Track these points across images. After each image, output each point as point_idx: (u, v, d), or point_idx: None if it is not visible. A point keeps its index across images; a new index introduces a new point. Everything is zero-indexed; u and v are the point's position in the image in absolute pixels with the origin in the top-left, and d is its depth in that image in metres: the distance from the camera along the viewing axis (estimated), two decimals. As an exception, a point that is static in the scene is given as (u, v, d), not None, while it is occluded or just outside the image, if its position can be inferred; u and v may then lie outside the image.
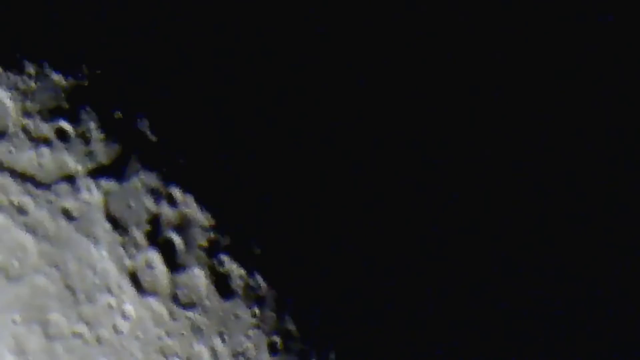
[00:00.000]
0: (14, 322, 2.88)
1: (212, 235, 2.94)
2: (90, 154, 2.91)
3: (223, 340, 2.97)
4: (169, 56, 2.92)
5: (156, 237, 2.93)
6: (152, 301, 2.93)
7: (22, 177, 2.89)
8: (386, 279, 2.97)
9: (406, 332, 2.99)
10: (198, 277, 2.95)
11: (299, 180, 2.94)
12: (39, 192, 2.90)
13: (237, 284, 2.97)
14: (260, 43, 2.93)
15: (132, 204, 2.92)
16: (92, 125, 2.91)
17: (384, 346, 2.98)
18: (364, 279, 2.97)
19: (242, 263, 2.96)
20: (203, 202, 2.94)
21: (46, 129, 2.91)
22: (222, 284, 2.97)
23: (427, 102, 3.01)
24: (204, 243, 2.95)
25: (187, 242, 2.95)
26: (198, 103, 2.92)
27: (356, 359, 2.98)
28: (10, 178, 2.87)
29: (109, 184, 2.91)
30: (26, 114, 2.89)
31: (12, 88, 2.88)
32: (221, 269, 2.96)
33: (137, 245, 2.92)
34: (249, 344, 2.98)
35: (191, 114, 2.92)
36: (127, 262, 2.92)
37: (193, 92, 2.92)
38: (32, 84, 2.89)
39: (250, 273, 2.96)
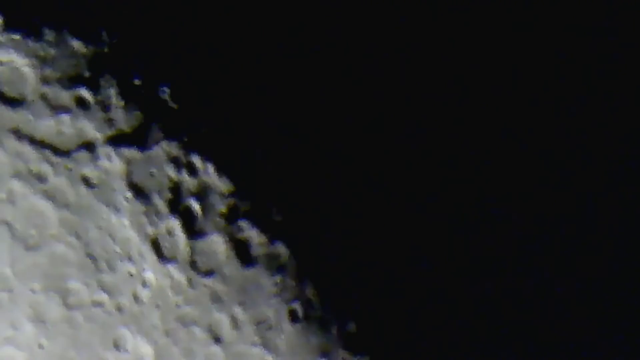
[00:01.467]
0: (32, 291, 2.85)
1: (231, 202, 2.95)
2: (110, 122, 2.90)
3: (243, 309, 2.97)
4: (189, 23, 2.92)
5: (177, 205, 2.92)
6: (172, 269, 2.93)
7: (41, 145, 2.87)
8: (408, 247, 3.00)
9: (427, 301, 3.02)
10: (217, 244, 2.95)
11: (319, 146, 2.96)
12: (58, 160, 2.88)
13: (257, 251, 2.98)
14: (283, 10, 2.95)
15: (154, 172, 2.91)
16: (112, 92, 2.90)
17: (404, 315, 3.01)
18: (386, 247, 2.99)
19: (262, 230, 2.96)
20: (223, 170, 2.94)
21: (65, 97, 2.89)
22: (242, 252, 2.97)
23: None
24: (224, 210, 2.95)
25: (207, 209, 2.95)
26: (219, 71, 2.93)
27: (377, 327, 3.00)
28: (29, 146, 2.85)
29: (129, 152, 2.90)
30: (45, 81, 2.87)
31: (31, 56, 2.87)
32: (241, 236, 2.96)
33: (158, 213, 2.92)
34: (269, 312, 2.99)
35: (212, 82, 2.93)
36: (149, 230, 2.91)
37: (214, 59, 2.93)
38: (52, 52, 2.88)
39: (270, 240, 2.97)
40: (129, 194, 2.94)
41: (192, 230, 2.97)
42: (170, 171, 2.96)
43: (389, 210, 3.03)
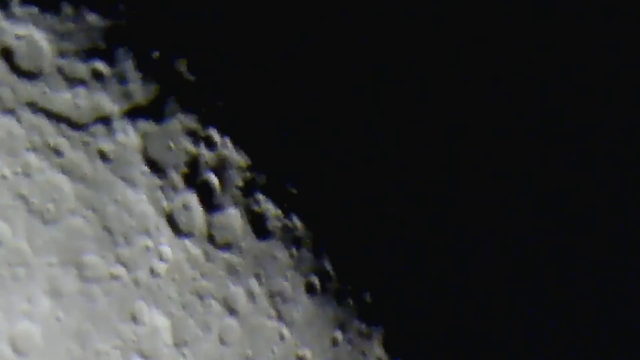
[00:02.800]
0: (49, 264, 2.85)
1: (248, 175, 2.96)
2: (126, 95, 2.90)
3: (259, 282, 2.98)
4: (207, -3, 2.92)
5: (194, 179, 2.92)
6: (189, 243, 2.93)
7: (58, 118, 2.86)
8: (424, 219, 3.02)
9: (442, 274, 3.05)
10: (234, 218, 2.96)
11: (335, 119, 2.98)
12: (74, 133, 2.87)
13: (274, 224, 2.99)
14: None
15: (170, 145, 2.91)
16: (129, 65, 2.90)
17: (419, 286, 3.03)
18: (402, 219, 3.01)
19: (278, 203, 2.98)
20: (240, 143, 2.95)
21: (82, 70, 2.88)
22: (258, 225, 2.98)
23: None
24: (240, 183, 2.96)
25: (224, 183, 2.96)
26: (236, 43, 2.93)
27: (392, 299, 3.02)
28: (45, 119, 2.84)
29: (146, 125, 2.89)
30: (61, 54, 2.86)
31: (48, 29, 2.85)
32: (257, 209, 2.97)
33: (174, 187, 2.92)
34: (285, 285, 3.00)
35: (229, 55, 2.93)
36: (165, 204, 2.91)
37: (231, 32, 2.93)
38: (68, 25, 2.87)
39: (286, 213, 2.98)
40: (145, 168, 2.94)
41: (209, 203, 2.98)
42: (187, 144, 2.96)
43: (405, 182, 3.05)
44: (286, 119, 2.99)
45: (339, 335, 3.10)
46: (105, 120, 2.94)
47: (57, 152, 2.91)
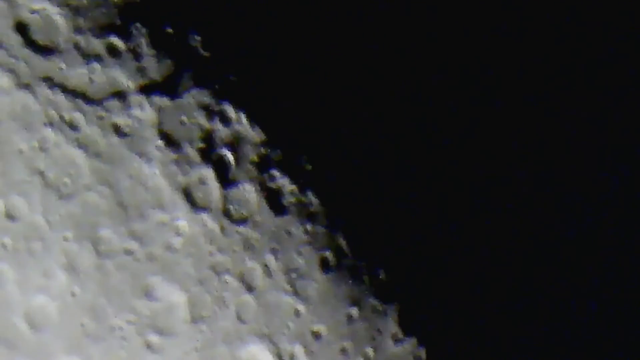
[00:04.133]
0: (65, 239, 2.84)
1: (263, 151, 2.94)
2: (141, 70, 2.89)
3: (275, 257, 2.97)
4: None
5: (209, 154, 2.91)
6: (205, 217, 2.92)
7: (73, 93, 2.86)
8: (440, 196, 2.99)
9: (457, 250, 3.02)
10: (249, 193, 2.95)
11: (350, 95, 2.96)
12: (90, 108, 2.87)
13: (289, 200, 2.97)
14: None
15: (185, 120, 2.90)
16: (144, 41, 2.89)
17: (434, 263, 3.01)
18: (417, 196, 2.99)
19: (293, 179, 2.96)
20: (255, 119, 2.94)
21: (97, 45, 2.88)
22: (273, 200, 2.97)
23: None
24: (255, 159, 2.94)
25: (239, 158, 2.94)
26: (250, 19, 2.92)
27: (407, 276, 3.00)
28: (61, 94, 2.84)
29: (161, 100, 2.89)
30: (77, 30, 2.86)
31: (64, 4, 2.85)
32: (272, 185, 2.96)
33: (189, 162, 2.91)
34: (301, 260, 2.98)
35: (243, 31, 2.92)
36: (180, 179, 2.90)
37: (244, 7, 2.92)
38: (84, 0, 2.86)
39: (302, 189, 2.97)
40: (160, 143, 2.93)
41: (225, 179, 2.97)
42: (202, 120, 2.95)
43: (420, 158, 3.03)
44: (301, 95, 2.98)
45: (354, 311, 3.08)
46: (120, 95, 2.94)
47: (73, 127, 2.91)
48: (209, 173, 2.98)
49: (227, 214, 2.99)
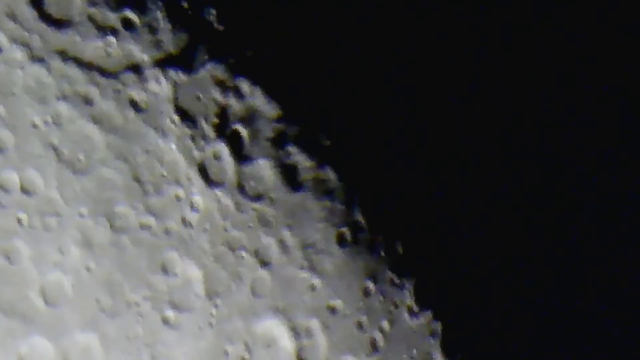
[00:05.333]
0: (80, 215, 2.82)
1: (279, 127, 2.92)
2: (157, 44, 2.86)
3: (291, 233, 2.96)
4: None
5: (224, 129, 2.89)
6: (220, 193, 2.91)
7: (88, 67, 2.83)
8: (456, 171, 2.99)
9: (474, 224, 3.02)
10: (265, 169, 2.93)
11: (367, 70, 2.94)
12: (105, 82, 2.84)
13: (305, 175, 2.96)
14: None
15: (200, 95, 2.88)
16: (159, 14, 2.86)
17: (450, 237, 3.00)
18: (433, 171, 2.98)
19: (310, 155, 2.94)
20: (270, 94, 2.91)
21: (112, 18, 2.85)
22: (289, 176, 2.95)
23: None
24: (271, 135, 2.92)
25: (254, 134, 2.92)
26: (266, -7, 2.90)
27: (424, 250, 2.99)
28: (76, 68, 2.81)
29: (176, 74, 2.86)
30: (92, 3, 2.83)
31: (77, -24, 2.81)
32: (288, 161, 2.94)
33: (205, 137, 2.89)
34: (317, 236, 2.98)
35: (258, 4, 2.89)
36: (196, 154, 2.88)
37: (261, -18, 2.90)
38: (98, -28, 2.83)
39: (318, 165, 2.95)
40: (176, 117, 2.91)
41: (240, 154, 2.95)
42: (217, 95, 2.92)
43: (438, 134, 3.02)
44: (317, 69, 2.96)
45: (370, 286, 3.08)
46: (136, 69, 2.91)
47: (88, 101, 2.88)
48: (224, 148, 2.96)
49: (242, 190, 2.97)
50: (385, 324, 3.13)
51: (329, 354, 3.08)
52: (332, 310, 3.07)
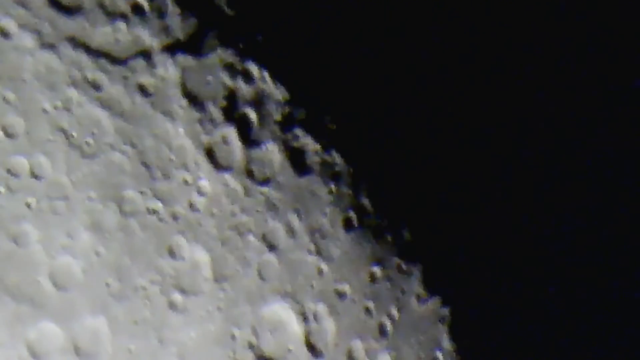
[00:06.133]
0: (89, 199, 2.84)
1: (287, 110, 2.93)
2: (166, 29, 2.88)
3: (299, 217, 2.96)
4: None
5: (232, 113, 2.90)
6: (228, 177, 2.91)
7: (97, 53, 2.85)
8: (464, 154, 2.98)
9: (482, 210, 3.01)
10: (273, 153, 2.94)
11: (374, 53, 2.95)
12: (114, 67, 2.86)
13: (313, 159, 2.96)
14: None
15: (209, 79, 2.89)
16: (168, 0, 2.87)
17: (457, 223, 3.00)
18: (441, 155, 2.98)
19: (317, 138, 2.95)
20: (278, 77, 2.92)
21: (121, 4, 2.87)
22: (297, 160, 2.96)
23: None
24: (279, 118, 2.93)
25: (262, 117, 2.93)
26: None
27: (431, 236, 2.99)
28: (84, 54, 2.83)
29: (185, 59, 2.88)
30: (101, -12, 2.85)
31: (87, -38, 2.84)
32: (296, 144, 2.94)
33: (213, 121, 2.90)
34: (324, 221, 2.98)
35: (266, -10, 2.91)
36: (204, 138, 2.89)
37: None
38: (107, -41, 2.86)
39: (325, 148, 2.95)
40: (184, 102, 2.92)
41: (248, 138, 2.96)
42: (226, 79, 2.94)
43: (448, 118, 3.01)
44: (325, 54, 2.97)
45: (377, 271, 3.07)
46: (144, 55, 2.93)
47: (97, 87, 2.90)
48: (232, 132, 2.97)
49: (250, 174, 2.98)
50: (393, 310, 3.12)
51: (338, 339, 3.08)
52: (340, 294, 3.06)
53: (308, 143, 3.03)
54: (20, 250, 2.85)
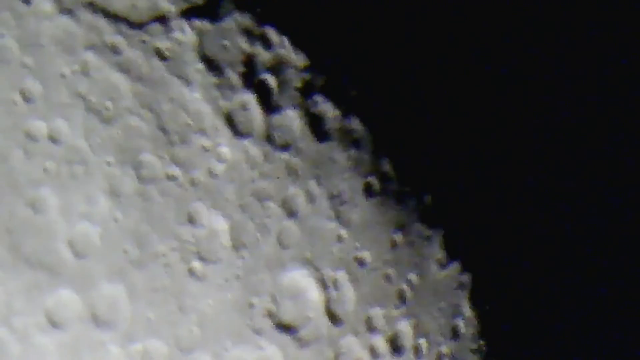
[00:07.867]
0: (107, 164, 2.81)
1: (306, 76, 2.89)
2: (183, -6, 2.85)
3: (319, 183, 2.92)
4: None
5: (251, 79, 2.87)
6: (247, 143, 2.88)
7: (115, 18, 2.82)
8: (485, 121, 2.95)
9: (503, 175, 2.97)
10: (292, 119, 2.91)
11: (396, 19, 2.91)
12: (132, 32, 2.83)
13: (332, 125, 2.93)
14: None
15: (227, 44, 2.86)
16: (186, -36, 2.85)
17: (480, 189, 2.96)
18: (463, 119, 2.94)
19: (337, 104, 2.92)
20: (298, 43, 2.89)
21: (139, -32, 2.84)
22: (317, 126, 2.92)
23: None
24: (299, 84, 2.90)
25: (282, 83, 2.90)
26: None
27: (452, 200, 2.95)
28: (103, 18, 2.81)
29: (202, 24, 2.85)
30: (118, -48, 2.82)
31: None
32: (316, 110, 2.91)
33: (231, 87, 2.87)
34: (344, 187, 2.95)
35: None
36: (222, 104, 2.86)
37: None
38: None
39: (345, 114, 2.92)
40: (201, 66, 2.89)
41: (267, 104, 2.92)
42: (243, 43, 2.91)
43: (466, 87, 2.98)
44: (345, 18, 2.93)
45: (398, 237, 3.04)
46: (162, 19, 2.90)
47: (115, 51, 2.88)
48: (251, 98, 2.93)
49: (269, 139, 2.95)
50: (413, 276, 3.08)
51: (357, 306, 3.04)
52: (360, 261, 3.03)
53: (328, 109, 2.99)
54: (37, 216, 2.83)
